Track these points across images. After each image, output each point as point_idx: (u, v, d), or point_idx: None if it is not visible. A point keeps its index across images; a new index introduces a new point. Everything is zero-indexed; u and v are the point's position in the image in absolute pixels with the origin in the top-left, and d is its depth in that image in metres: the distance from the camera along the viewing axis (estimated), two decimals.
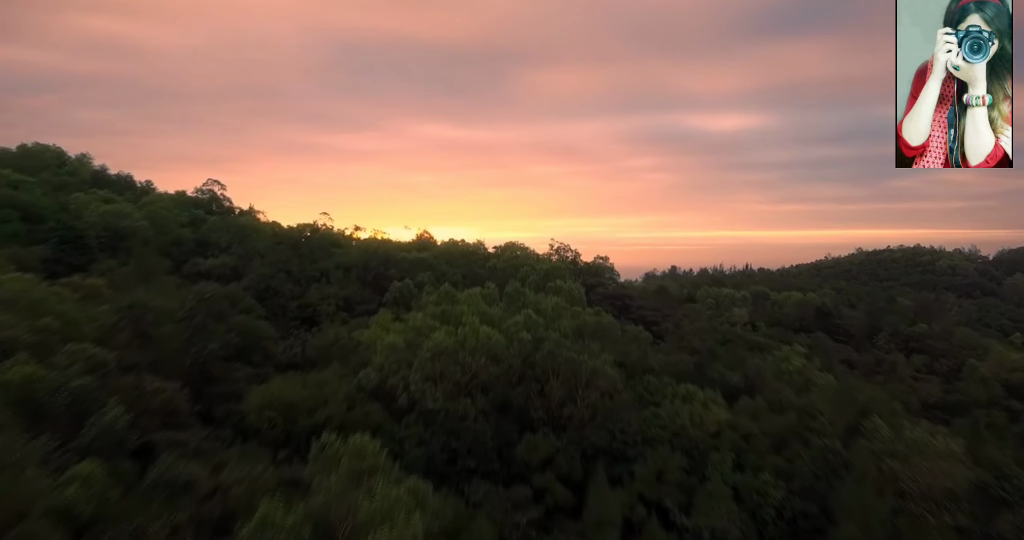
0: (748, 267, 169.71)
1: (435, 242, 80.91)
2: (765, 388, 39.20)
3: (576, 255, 78.00)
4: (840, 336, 71.73)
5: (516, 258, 64.27)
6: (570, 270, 65.45)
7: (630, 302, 64.26)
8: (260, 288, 47.65)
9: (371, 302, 50.36)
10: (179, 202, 71.75)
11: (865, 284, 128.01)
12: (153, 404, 25.86)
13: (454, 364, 31.86)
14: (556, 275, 54.56)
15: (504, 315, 39.16)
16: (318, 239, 64.99)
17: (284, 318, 46.24)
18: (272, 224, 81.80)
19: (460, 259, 69.13)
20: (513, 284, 44.88)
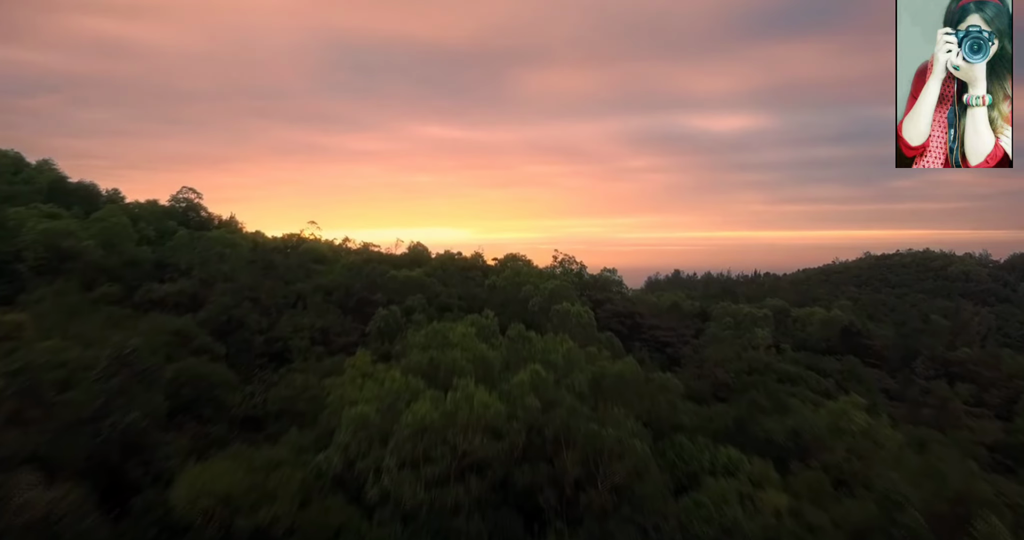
0: (756, 273, 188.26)
1: (429, 254, 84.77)
2: (823, 453, 37.67)
3: (581, 267, 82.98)
4: (870, 358, 73.55)
5: (518, 275, 66.19)
6: (575, 284, 68.41)
7: (641, 320, 67.27)
8: (220, 320, 48.28)
9: (352, 333, 51.29)
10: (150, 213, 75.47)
11: (878, 291, 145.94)
12: (20, 520, 21.54)
13: (441, 444, 28.79)
14: (562, 295, 55.53)
15: (506, 362, 38.71)
16: (299, 255, 68.11)
17: (248, 355, 46.65)
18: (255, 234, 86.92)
19: (456, 275, 71.70)
20: (516, 328, 44.83)
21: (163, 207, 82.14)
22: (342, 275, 62.63)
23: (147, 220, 73.36)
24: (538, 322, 53.18)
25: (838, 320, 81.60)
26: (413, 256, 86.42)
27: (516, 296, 58.96)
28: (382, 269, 66.70)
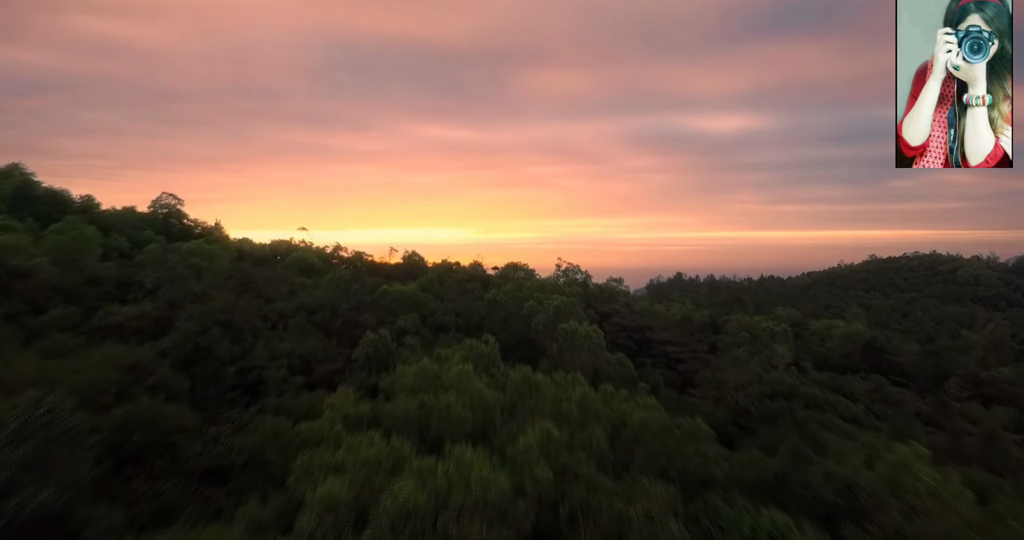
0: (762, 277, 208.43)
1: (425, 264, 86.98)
2: (881, 513, 36.61)
3: (586, 277, 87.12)
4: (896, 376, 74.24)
5: (520, 288, 67.47)
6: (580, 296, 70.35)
7: (651, 335, 68.98)
8: (186, 349, 47.83)
9: (337, 359, 51.06)
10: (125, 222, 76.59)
11: (887, 296, 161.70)
12: None
13: (430, 532, 26.19)
14: (568, 313, 56.07)
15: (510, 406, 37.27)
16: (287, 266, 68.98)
17: (217, 388, 45.91)
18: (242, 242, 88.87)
19: (454, 288, 72.89)
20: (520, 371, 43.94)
21: (141, 214, 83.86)
22: (329, 292, 62.96)
23: (122, 229, 74.06)
24: (542, 343, 53.50)
25: (860, 335, 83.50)
26: (408, 266, 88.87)
27: (518, 313, 59.53)
28: (373, 283, 67.56)
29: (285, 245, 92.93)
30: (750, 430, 45.33)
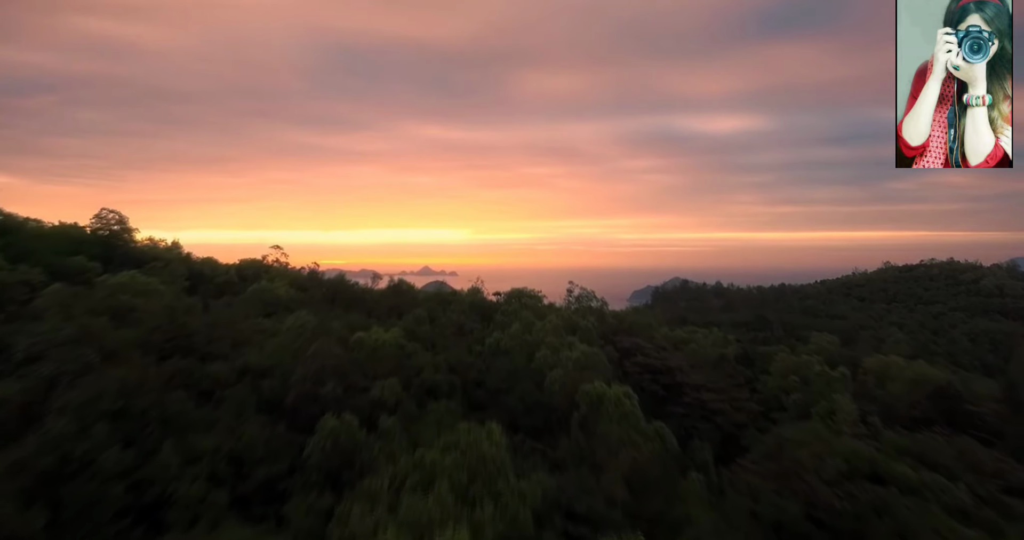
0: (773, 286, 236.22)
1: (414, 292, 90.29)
2: None
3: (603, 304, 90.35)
4: (980, 432, 72.35)
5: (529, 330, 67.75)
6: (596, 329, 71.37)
7: (682, 378, 68.66)
8: (47, 463, 28.61)
9: (281, 458, 35.54)
10: (50, 246, 69.53)
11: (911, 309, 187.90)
12: None
13: None
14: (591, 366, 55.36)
15: None
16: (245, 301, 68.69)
17: (96, 520, 31.78)
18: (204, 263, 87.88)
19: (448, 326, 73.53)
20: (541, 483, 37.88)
21: (78, 234, 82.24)
22: (287, 345, 56.47)
23: (41, 256, 64.01)
24: (559, 407, 51.30)
25: (929, 378, 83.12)
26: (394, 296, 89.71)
27: (527, 365, 58.58)
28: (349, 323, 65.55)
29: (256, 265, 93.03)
30: (834, 532, 42.43)
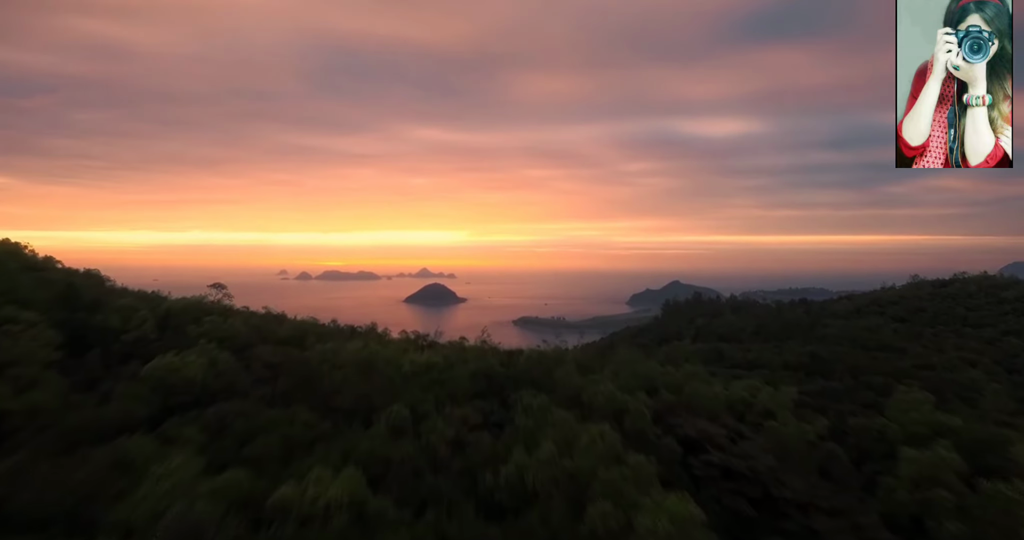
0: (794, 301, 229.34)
1: (395, 359, 52.85)
2: None
3: None
4: None
5: (570, 455, 39.01)
6: (650, 423, 46.12)
7: (776, 492, 43.36)
8: None
9: None
10: None
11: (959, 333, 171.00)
12: None
13: None
14: (641, 486, 31.24)
15: None
16: (131, 396, 35.34)
17: None
18: (122, 309, 68.41)
19: (440, 440, 46.49)
20: None
21: None
22: None
23: None
24: None
25: None
26: (363, 379, 39.57)
27: (572, 529, 30.07)
28: (250, 494, 34.38)
29: (195, 307, 58.66)
30: None
